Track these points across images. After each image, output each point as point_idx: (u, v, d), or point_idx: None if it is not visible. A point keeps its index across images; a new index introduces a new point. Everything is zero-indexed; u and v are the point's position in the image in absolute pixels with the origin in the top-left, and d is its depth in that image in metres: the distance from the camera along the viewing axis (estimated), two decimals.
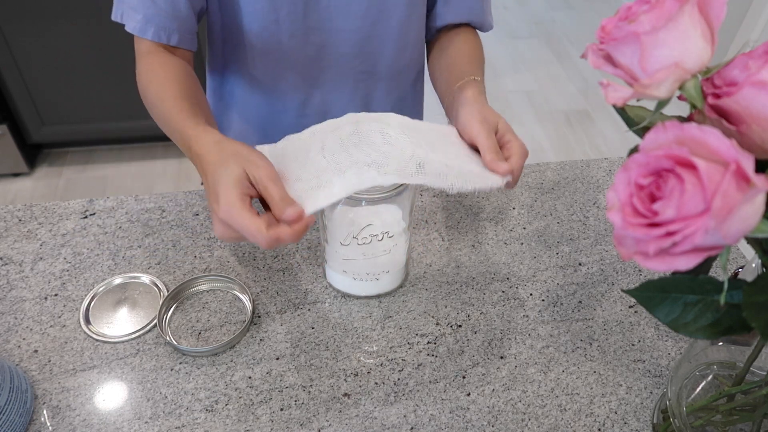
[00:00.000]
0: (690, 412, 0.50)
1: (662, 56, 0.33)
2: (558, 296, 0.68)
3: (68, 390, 0.58)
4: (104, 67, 1.81)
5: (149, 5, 0.66)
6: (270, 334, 0.63)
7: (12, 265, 0.69)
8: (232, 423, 0.56)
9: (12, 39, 1.72)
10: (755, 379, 0.45)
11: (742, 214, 0.28)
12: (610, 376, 0.61)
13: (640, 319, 0.66)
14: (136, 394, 0.58)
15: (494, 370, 0.61)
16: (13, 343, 0.61)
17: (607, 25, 0.36)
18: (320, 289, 0.68)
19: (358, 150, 0.53)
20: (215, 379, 0.59)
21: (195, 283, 0.67)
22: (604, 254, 0.73)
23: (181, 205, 0.77)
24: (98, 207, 0.76)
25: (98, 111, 1.92)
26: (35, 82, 1.82)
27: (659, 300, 0.43)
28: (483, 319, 0.65)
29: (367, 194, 0.55)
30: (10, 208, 0.76)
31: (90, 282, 0.68)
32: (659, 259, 0.30)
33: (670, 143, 0.31)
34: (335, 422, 0.56)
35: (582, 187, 0.82)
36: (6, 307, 0.65)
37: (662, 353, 0.63)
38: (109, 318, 0.64)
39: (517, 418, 0.57)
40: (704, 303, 0.41)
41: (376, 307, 0.66)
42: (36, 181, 2.00)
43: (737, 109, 0.33)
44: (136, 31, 0.67)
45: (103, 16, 1.71)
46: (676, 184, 0.30)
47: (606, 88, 0.35)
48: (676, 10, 0.32)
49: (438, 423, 0.57)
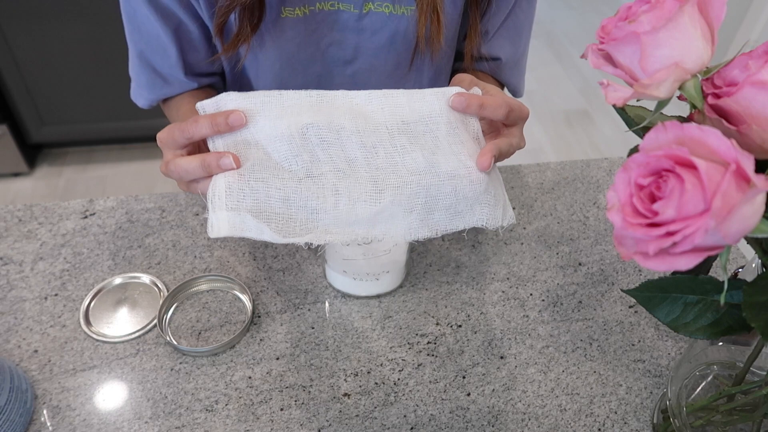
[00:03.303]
0: (690, 412, 0.50)
1: (662, 56, 0.33)
2: (558, 296, 0.68)
3: (68, 390, 0.58)
4: (104, 67, 1.81)
5: (162, 85, 0.71)
6: (270, 334, 0.63)
7: (12, 265, 0.69)
8: (232, 423, 0.56)
9: (12, 39, 1.72)
10: (755, 379, 0.45)
11: (742, 214, 0.28)
12: (610, 376, 0.61)
13: (640, 319, 0.66)
14: (136, 394, 0.58)
15: (494, 370, 0.61)
16: (13, 343, 0.61)
17: (607, 25, 0.36)
18: (320, 289, 0.68)
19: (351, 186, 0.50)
20: (215, 379, 0.59)
21: (195, 283, 0.67)
22: (604, 254, 0.73)
23: (181, 205, 0.77)
24: (98, 207, 0.76)
25: (98, 111, 1.92)
26: (35, 82, 1.82)
27: (659, 300, 0.43)
28: (483, 319, 0.65)
29: None
30: (10, 208, 0.76)
31: (90, 282, 0.68)
32: (659, 259, 0.30)
33: (670, 143, 0.31)
34: (335, 422, 0.56)
35: (582, 187, 0.82)
36: (6, 307, 0.65)
37: (662, 353, 0.63)
38: (109, 318, 0.64)
39: (517, 418, 0.57)
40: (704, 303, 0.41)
41: (376, 307, 0.66)
42: (36, 181, 2.00)
43: (737, 109, 0.33)
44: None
45: (103, 16, 1.71)
46: (676, 184, 0.30)
47: (606, 88, 0.35)
48: (676, 10, 0.32)
49: (438, 423, 0.57)
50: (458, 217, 0.50)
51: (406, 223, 0.49)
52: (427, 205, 0.49)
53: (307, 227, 0.48)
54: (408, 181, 0.49)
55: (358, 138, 0.50)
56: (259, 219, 0.46)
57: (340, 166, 0.49)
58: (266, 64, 0.69)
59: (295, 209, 0.48)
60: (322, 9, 0.65)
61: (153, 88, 0.71)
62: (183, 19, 0.65)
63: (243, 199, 0.47)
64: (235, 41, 0.63)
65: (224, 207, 0.46)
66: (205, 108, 0.49)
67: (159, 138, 0.50)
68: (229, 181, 0.47)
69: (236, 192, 0.47)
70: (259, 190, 0.47)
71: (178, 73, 0.69)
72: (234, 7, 0.60)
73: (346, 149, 0.50)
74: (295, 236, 0.47)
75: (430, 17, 0.64)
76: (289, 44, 0.67)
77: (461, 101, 0.49)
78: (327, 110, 0.50)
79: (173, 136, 0.49)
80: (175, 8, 0.63)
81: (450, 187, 0.49)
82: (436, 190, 0.49)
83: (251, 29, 0.62)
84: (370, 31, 0.67)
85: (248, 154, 0.49)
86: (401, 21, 0.66)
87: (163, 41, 0.66)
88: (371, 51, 0.69)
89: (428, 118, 0.51)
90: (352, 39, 0.68)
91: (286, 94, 0.50)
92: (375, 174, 0.49)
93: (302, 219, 0.48)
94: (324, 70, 0.71)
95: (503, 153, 0.51)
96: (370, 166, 0.50)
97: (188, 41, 0.67)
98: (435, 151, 0.50)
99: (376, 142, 0.50)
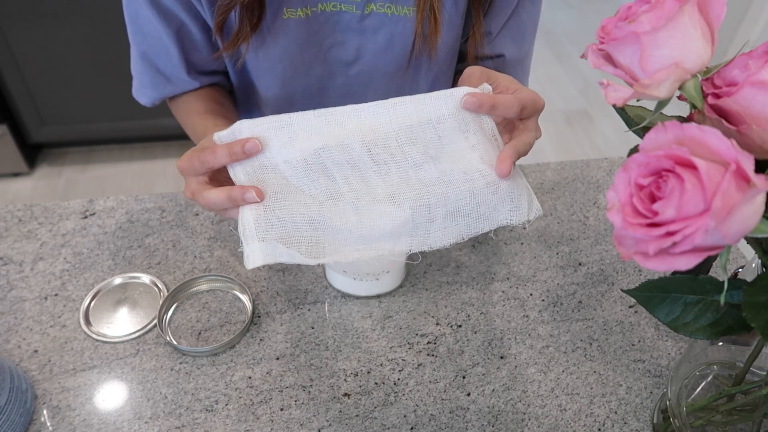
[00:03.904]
0: (690, 412, 0.50)
1: (662, 56, 0.33)
2: (558, 296, 0.68)
3: (68, 390, 0.58)
4: (104, 67, 1.81)
5: (165, 84, 0.71)
6: (270, 334, 0.63)
7: (12, 265, 0.69)
8: (232, 423, 0.56)
9: (12, 39, 1.72)
10: (755, 379, 0.45)
11: (742, 214, 0.28)
12: (610, 376, 0.61)
13: (640, 319, 0.66)
14: (136, 394, 0.58)
15: (494, 370, 0.61)
16: (13, 343, 0.61)
17: (607, 25, 0.36)
18: (320, 289, 0.68)
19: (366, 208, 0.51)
20: (215, 379, 0.59)
21: (195, 283, 0.67)
22: (604, 254, 0.73)
23: (181, 205, 0.77)
24: (98, 207, 0.76)
25: (98, 111, 1.92)
26: (35, 82, 1.82)
27: (659, 300, 0.43)
28: (483, 319, 0.65)
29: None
30: (10, 208, 0.76)
31: (90, 282, 0.68)
32: (659, 259, 0.30)
33: (670, 143, 0.31)
34: (335, 422, 0.56)
35: (582, 187, 0.82)
36: (6, 307, 0.65)
37: (662, 353, 0.63)
38: (109, 318, 0.64)
39: (517, 418, 0.57)
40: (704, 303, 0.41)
41: (376, 307, 0.66)
42: (36, 181, 2.00)
43: (737, 109, 0.33)
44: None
45: (103, 16, 1.71)
46: (676, 184, 0.30)
47: (606, 88, 0.35)
48: (676, 10, 0.32)
49: (438, 423, 0.57)
50: (482, 220, 0.50)
51: (431, 232, 0.50)
52: (449, 214, 0.50)
53: (335, 247, 0.50)
54: (424, 193, 0.50)
55: (369, 156, 0.50)
56: (289, 246, 0.48)
57: (355, 186, 0.51)
58: (268, 65, 0.69)
59: (321, 231, 0.50)
60: (324, 10, 0.65)
61: (156, 88, 0.71)
62: (185, 20, 0.65)
63: (271, 228, 0.48)
64: (235, 40, 0.63)
65: (255, 238, 0.48)
66: (222, 138, 0.50)
67: (179, 167, 0.51)
68: (256, 214, 0.49)
69: (264, 223, 0.48)
70: (285, 219, 0.49)
71: (181, 72, 0.69)
72: (233, 6, 0.60)
73: (360, 169, 0.51)
74: (326, 257, 0.49)
75: (427, 15, 0.64)
76: (291, 45, 0.67)
77: (473, 102, 0.49)
78: (336, 131, 0.50)
79: (193, 166, 0.50)
80: (176, 9, 0.64)
81: (467, 193, 0.49)
82: (455, 198, 0.50)
83: (251, 28, 0.62)
84: (371, 32, 0.67)
85: (268, 180, 0.50)
86: (402, 22, 0.66)
87: (166, 42, 0.67)
88: (373, 52, 0.69)
89: (437, 122, 0.51)
90: (354, 40, 0.68)
91: (295, 117, 0.50)
92: (391, 190, 0.50)
93: (329, 240, 0.50)
94: (326, 72, 0.71)
95: (521, 153, 0.50)
96: (386, 182, 0.51)
97: (190, 42, 0.68)
98: (448, 159, 0.51)
99: (388, 158, 0.51)
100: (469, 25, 0.70)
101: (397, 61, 0.71)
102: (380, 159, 0.51)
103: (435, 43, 0.66)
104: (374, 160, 0.51)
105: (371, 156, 0.50)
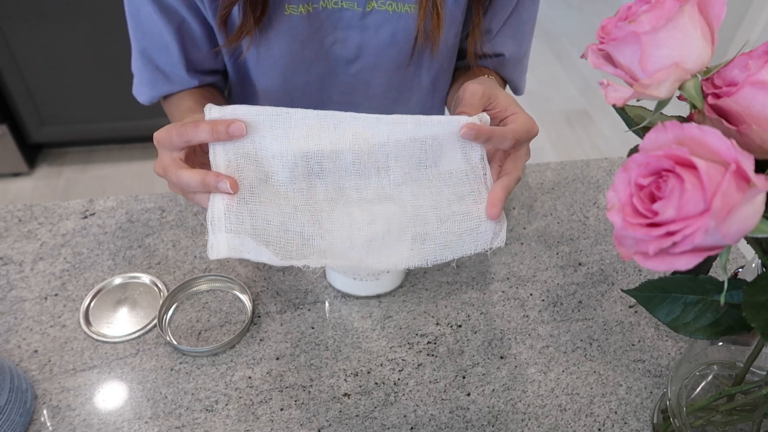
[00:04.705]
0: (690, 412, 0.50)
1: (662, 56, 0.33)
2: (558, 296, 0.68)
3: (68, 390, 0.58)
4: (104, 67, 1.81)
5: (164, 82, 0.71)
6: (270, 334, 0.63)
7: (12, 265, 0.69)
8: (232, 423, 0.56)
9: (12, 39, 1.72)
10: (755, 379, 0.45)
11: (742, 214, 0.28)
12: (610, 376, 0.61)
13: (640, 319, 0.66)
14: (136, 394, 0.58)
15: (494, 370, 0.61)
16: (13, 343, 0.61)
17: (607, 25, 0.36)
18: (320, 289, 0.68)
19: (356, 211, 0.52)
20: (215, 379, 0.59)
21: (195, 283, 0.67)
22: (604, 254, 0.73)
23: (181, 205, 0.77)
24: (98, 207, 0.76)
25: (98, 111, 1.92)
26: (35, 82, 1.82)
27: (659, 300, 0.43)
28: (483, 319, 0.65)
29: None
30: (10, 208, 0.76)
31: (90, 282, 0.68)
32: (659, 259, 0.30)
33: (670, 143, 0.31)
34: (335, 422, 0.56)
35: (582, 187, 0.82)
36: (6, 307, 0.65)
37: (662, 353, 0.63)
38: (109, 318, 0.64)
39: (517, 418, 0.57)
40: (704, 303, 0.41)
41: (376, 307, 0.66)
42: (36, 181, 2.00)
43: (737, 109, 0.33)
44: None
45: (103, 16, 1.71)
46: (676, 184, 0.30)
47: (606, 88, 0.35)
48: (676, 10, 0.32)
49: (438, 423, 0.57)
50: (447, 249, 0.52)
51: (398, 252, 0.51)
52: (418, 236, 0.51)
53: (303, 252, 0.49)
54: (397, 213, 0.51)
55: (354, 168, 0.51)
56: (258, 241, 0.47)
57: (333, 195, 0.51)
58: (269, 62, 0.69)
59: (292, 235, 0.49)
60: (325, 7, 0.65)
61: (154, 85, 0.71)
62: (186, 17, 0.65)
63: (242, 222, 0.48)
64: (238, 34, 0.64)
65: (223, 229, 0.47)
66: (212, 112, 0.49)
67: (156, 137, 0.50)
68: (228, 204, 0.48)
69: (235, 215, 0.48)
70: (257, 215, 0.48)
71: (180, 70, 0.69)
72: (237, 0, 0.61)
73: (343, 179, 0.51)
74: (293, 259, 0.48)
75: (429, 12, 0.64)
76: (292, 42, 0.67)
77: (471, 134, 0.51)
78: (332, 136, 0.50)
79: (171, 138, 0.49)
80: (178, 6, 0.64)
81: (435, 219, 0.52)
82: (422, 222, 0.51)
83: (254, 22, 0.63)
84: (373, 29, 0.68)
85: (247, 171, 0.49)
86: (404, 19, 0.67)
87: (166, 39, 0.67)
88: (374, 49, 0.69)
89: (430, 142, 0.52)
90: (356, 37, 0.68)
91: (294, 113, 0.50)
92: (367, 206, 0.51)
93: (299, 244, 0.49)
94: (327, 69, 0.71)
95: (511, 190, 0.53)
96: (362, 199, 0.51)
97: (190, 39, 0.68)
98: (427, 184, 0.53)
99: (372, 172, 0.52)
100: (469, 22, 0.70)
101: (398, 58, 0.71)
102: (365, 171, 0.51)
103: (437, 39, 0.67)
104: (359, 172, 0.51)
105: (357, 167, 0.51)
